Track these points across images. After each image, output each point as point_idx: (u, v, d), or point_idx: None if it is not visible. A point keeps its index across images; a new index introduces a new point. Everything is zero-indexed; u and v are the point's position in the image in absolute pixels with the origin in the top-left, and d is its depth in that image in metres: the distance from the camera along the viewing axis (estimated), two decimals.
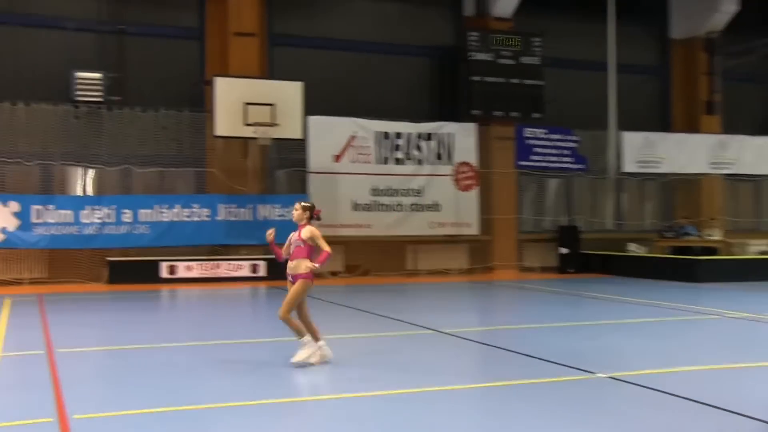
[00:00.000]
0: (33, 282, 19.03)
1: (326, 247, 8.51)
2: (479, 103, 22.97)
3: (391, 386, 7.52)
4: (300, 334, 8.30)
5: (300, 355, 8.22)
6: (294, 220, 8.81)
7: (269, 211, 20.65)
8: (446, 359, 8.84)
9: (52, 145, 19.50)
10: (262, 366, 8.47)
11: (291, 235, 8.66)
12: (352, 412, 6.66)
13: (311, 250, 8.51)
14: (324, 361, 8.33)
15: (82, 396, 7.08)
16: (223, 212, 20.27)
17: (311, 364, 8.22)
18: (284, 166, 21.72)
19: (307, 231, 8.60)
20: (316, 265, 8.37)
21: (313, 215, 8.87)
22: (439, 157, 22.84)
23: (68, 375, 7.90)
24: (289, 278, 8.50)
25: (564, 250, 23.29)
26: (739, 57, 25.94)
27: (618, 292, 17.17)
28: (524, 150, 23.70)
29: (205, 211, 20.16)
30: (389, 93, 23.32)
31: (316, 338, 8.34)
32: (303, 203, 8.96)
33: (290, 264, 8.54)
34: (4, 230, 18.55)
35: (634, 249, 23.34)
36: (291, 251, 8.59)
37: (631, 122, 25.10)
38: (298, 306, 8.43)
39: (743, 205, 27.14)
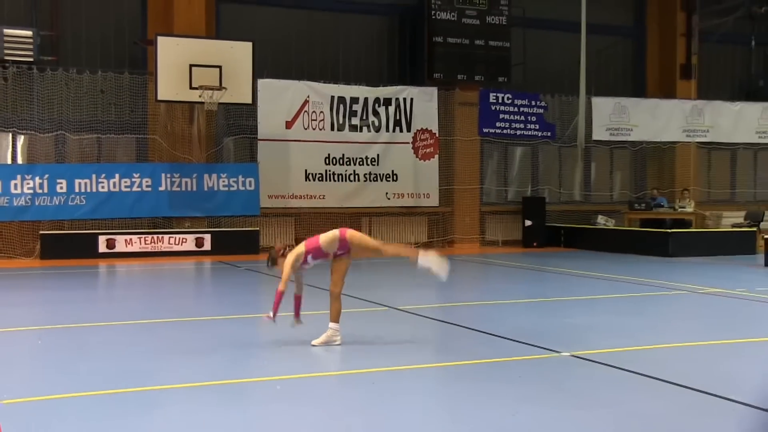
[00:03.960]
0: None
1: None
2: (441, 65, 23.01)
3: (342, 366, 7.63)
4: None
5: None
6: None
7: (215, 181, 20.61)
8: (400, 338, 8.94)
9: None
10: (210, 345, 8.50)
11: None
12: (306, 393, 6.73)
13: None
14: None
15: (11, 379, 7.07)
16: (166, 182, 20.18)
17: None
18: (232, 133, 21.64)
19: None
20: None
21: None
22: (397, 123, 22.89)
23: None
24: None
25: (528, 223, 23.52)
26: (719, 17, 26.17)
27: (584, 266, 17.41)
28: (488, 116, 23.83)
29: (147, 181, 20.07)
30: (345, 55, 23.30)
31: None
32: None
33: None
34: None
35: (603, 221, 23.67)
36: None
37: (602, 87, 25.45)
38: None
39: (718, 175, 27.55)
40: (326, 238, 8.37)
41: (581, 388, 6.82)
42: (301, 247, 8.40)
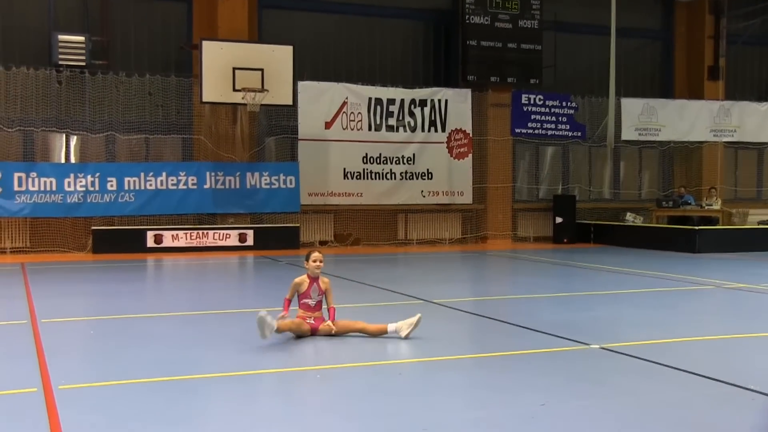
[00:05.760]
0: (15, 251, 19.12)
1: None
2: (475, 68, 22.99)
3: (380, 357, 7.66)
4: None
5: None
6: (317, 273, 8.47)
7: (257, 179, 20.73)
8: (437, 330, 8.96)
9: (33, 110, 19.52)
10: (252, 336, 8.56)
11: (308, 288, 8.43)
12: (343, 383, 6.78)
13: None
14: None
15: (67, 366, 7.17)
16: (211, 180, 20.34)
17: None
18: (273, 133, 21.76)
19: (325, 283, 8.54)
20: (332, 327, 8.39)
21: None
22: (432, 124, 22.89)
23: (53, 345, 7.99)
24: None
25: (559, 220, 23.43)
26: (746, 19, 25.94)
27: (613, 262, 17.32)
28: (520, 117, 23.76)
29: (192, 179, 20.23)
30: (382, 58, 23.34)
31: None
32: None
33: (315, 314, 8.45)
34: None
35: (631, 219, 23.51)
36: (314, 304, 8.42)
37: (631, 88, 25.30)
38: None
39: (744, 173, 27.28)
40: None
41: (609, 379, 6.79)
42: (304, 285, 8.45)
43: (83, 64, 19.50)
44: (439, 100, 22.93)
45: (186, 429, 5.33)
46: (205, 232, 20.12)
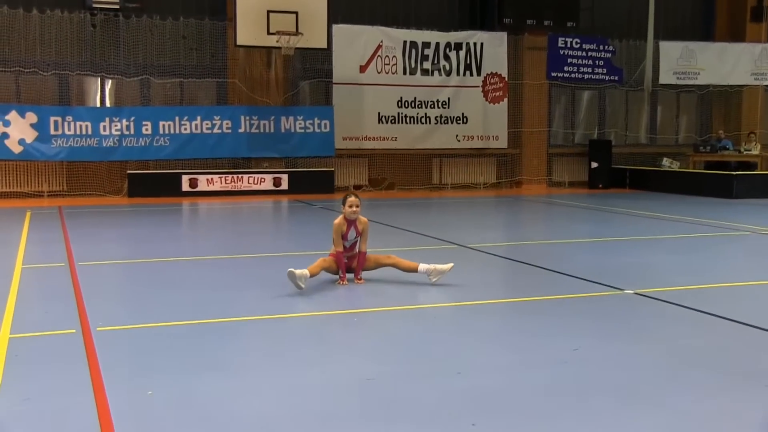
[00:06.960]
0: (52, 195, 19.36)
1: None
2: (511, 11, 22.69)
3: (413, 301, 7.70)
4: None
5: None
6: (353, 217, 8.42)
7: (292, 123, 20.74)
8: (471, 275, 8.97)
9: (68, 54, 19.59)
10: (287, 279, 8.64)
11: (346, 231, 8.38)
12: (378, 326, 6.84)
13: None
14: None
15: (105, 308, 7.28)
16: (245, 124, 20.39)
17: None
18: (308, 76, 21.69)
19: (362, 223, 8.51)
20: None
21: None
22: (468, 67, 22.69)
23: (90, 288, 8.11)
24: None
25: (594, 165, 23.25)
26: None
27: (649, 207, 17.19)
28: (557, 60, 23.46)
29: (227, 123, 20.29)
30: (418, 0, 23.04)
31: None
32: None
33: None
34: (22, 142, 18.83)
35: (667, 164, 23.27)
36: (350, 245, 8.45)
37: (670, 31, 24.79)
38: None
39: None
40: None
41: (643, 325, 6.79)
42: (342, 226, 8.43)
43: (117, 7, 19.50)
44: (475, 44, 22.69)
45: (223, 371, 5.41)
46: (239, 176, 20.22)
